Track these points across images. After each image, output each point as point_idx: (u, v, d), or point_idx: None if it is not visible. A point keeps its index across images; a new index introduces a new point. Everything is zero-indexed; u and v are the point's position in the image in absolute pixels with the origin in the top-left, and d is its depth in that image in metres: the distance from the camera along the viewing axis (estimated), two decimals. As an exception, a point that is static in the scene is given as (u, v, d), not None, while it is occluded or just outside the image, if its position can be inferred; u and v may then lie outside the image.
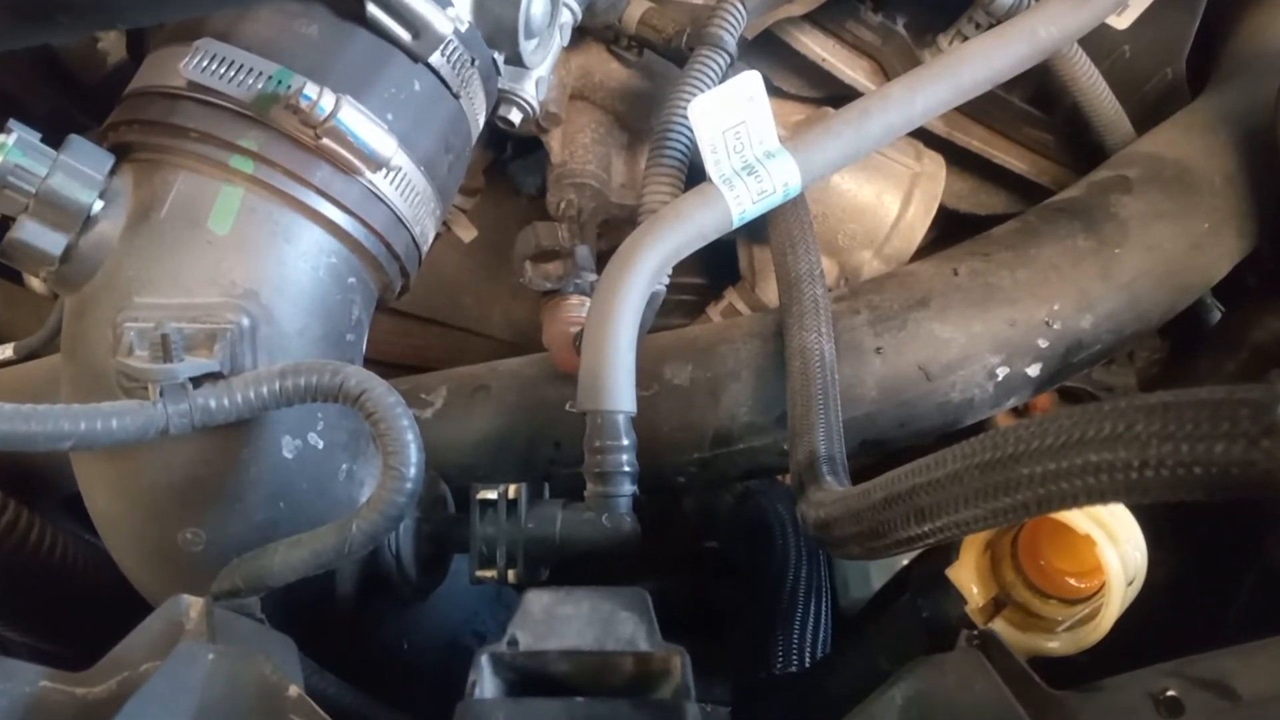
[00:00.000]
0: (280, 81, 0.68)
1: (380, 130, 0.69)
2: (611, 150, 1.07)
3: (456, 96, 0.77)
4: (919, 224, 1.05)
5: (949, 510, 0.50)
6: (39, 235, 0.65)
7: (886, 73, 1.11)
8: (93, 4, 0.56)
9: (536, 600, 0.56)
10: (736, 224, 0.82)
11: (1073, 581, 0.66)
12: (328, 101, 0.66)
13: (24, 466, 0.94)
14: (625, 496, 0.76)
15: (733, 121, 0.81)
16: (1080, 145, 1.16)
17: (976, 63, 0.87)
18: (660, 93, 1.07)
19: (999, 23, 1.01)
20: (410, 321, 1.29)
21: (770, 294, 1.09)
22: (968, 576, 0.66)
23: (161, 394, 0.62)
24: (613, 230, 1.09)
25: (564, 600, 0.55)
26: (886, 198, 1.05)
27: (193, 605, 0.61)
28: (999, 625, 0.64)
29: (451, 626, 0.90)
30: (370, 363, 1.25)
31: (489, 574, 0.77)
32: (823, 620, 0.90)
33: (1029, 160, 1.19)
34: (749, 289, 1.10)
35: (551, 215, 1.05)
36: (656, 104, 1.07)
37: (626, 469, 0.76)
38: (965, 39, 1.06)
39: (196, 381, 0.64)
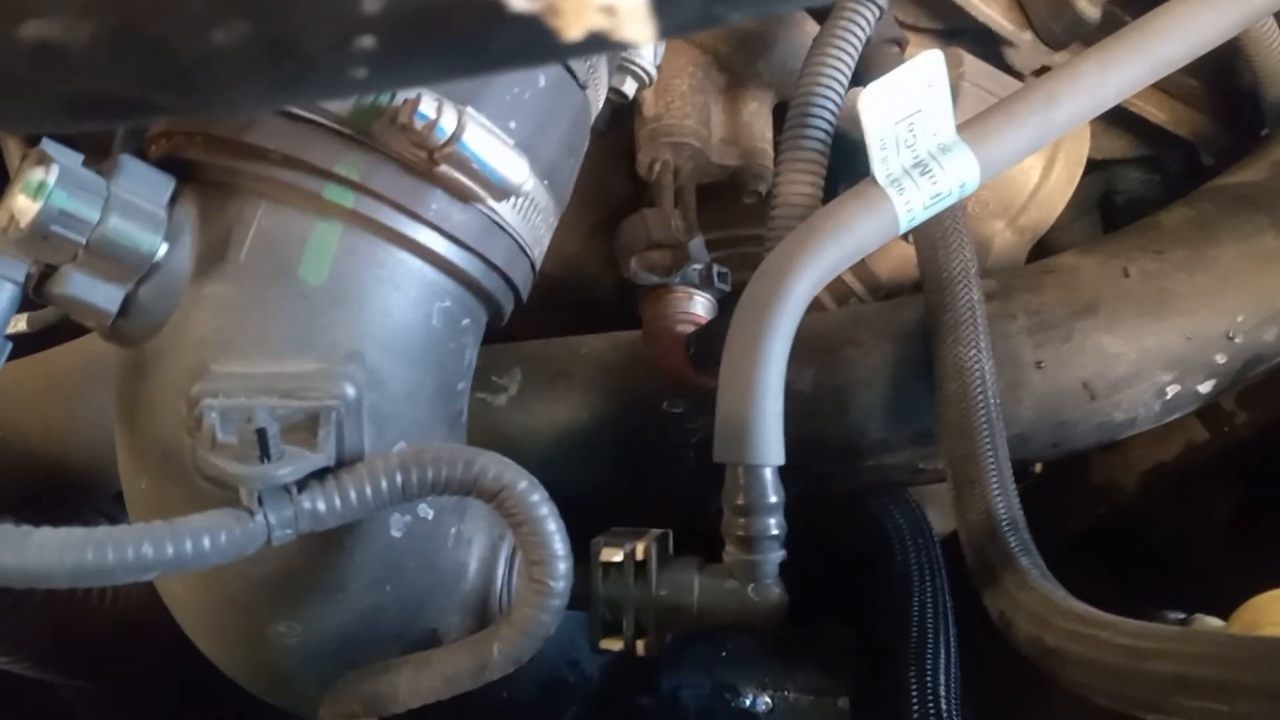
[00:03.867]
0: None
1: (511, 152, 0.55)
2: (710, 99, 0.92)
3: (584, 87, 0.63)
4: (1061, 193, 0.93)
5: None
6: (89, 289, 0.52)
7: (1024, 7, 0.96)
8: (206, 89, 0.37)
9: None
10: (904, 231, 0.69)
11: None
12: (449, 121, 0.53)
13: (63, 465, 0.83)
14: (772, 564, 0.66)
15: (907, 111, 0.67)
16: (1228, 94, 1.03)
17: (1178, 34, 0.73)
18: (770, 32, 0.92)
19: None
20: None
21: (884, 266, 0.97)
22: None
23: (261, 501, 0.51)
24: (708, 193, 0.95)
25: None
26: (1026, 163, 0.92)
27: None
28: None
29: (549, 662, 0.81)
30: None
31: (614, 644, 0.68)
32: (954, 659, 0.82)
33: (1168, 108, 1.05)
34: (860, 262, 0.97)
35: (641, 176, 0.91)
36: (766, 44, 0.92)
37: (774, 532, 0.65)
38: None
39: (301, 480, 0.52)
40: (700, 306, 0.83)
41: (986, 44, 0.97)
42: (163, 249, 0.53)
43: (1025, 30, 0.97)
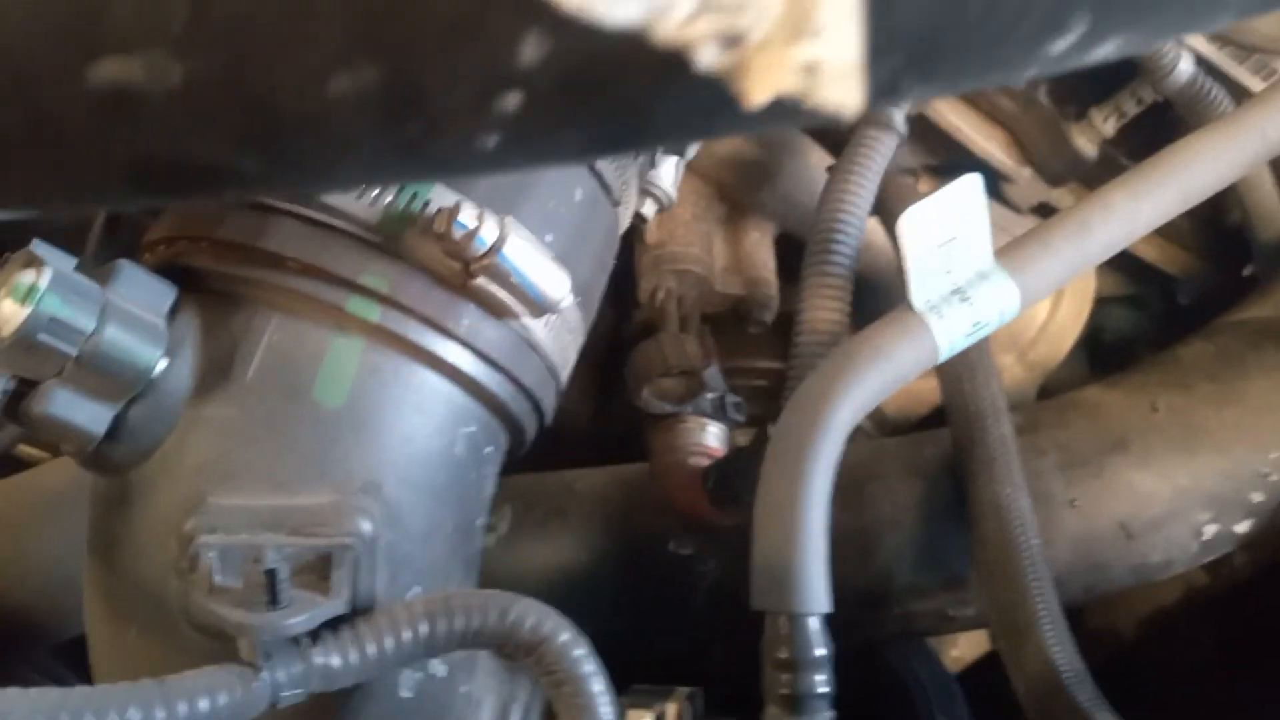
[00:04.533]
0: (415, 194, 0.49)
1: (553, 266, 0.51)
2: (712, 227, 0.90)
3: (616, 204, 0.59)
4: (1070, 328, 0.91)
5: None
6: (73, 408, 0.46)
7: (1023, 145, 0.96)
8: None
9: None
10: (942, 360, 0.66)
11: None
12: (490, 231, 0.48)
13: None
14: (822, 727, 0.59)
15: (945, 236, 0.65)
16: (1215, 232, 1.04)
17: (1206, 164, 0.72)
18: (774, 162, 0.90)
19: (1167, 101, 0.88)
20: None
21: (893, 403, 0.93)
22: None
23: (268, 655, 0.43)
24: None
25: None
26: (1033, 297, 0.90)
27: None
28: None
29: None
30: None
31: (642, 820, 0.60)
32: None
33: (1158, 246, 1.05)
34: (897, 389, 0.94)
35: (642, 303, 0.88)
36: (769, 174, 0.91)
37: (823, 690, 0.59)
38: (1124, 115, 0.92)
39: (313, 631, 0.45)
40: (713, 438, 0.78)
41: (985, 180, 0.97)
42: (161, 365, 0.47)
43: (1024, 166, 0.97)
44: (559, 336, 0.56)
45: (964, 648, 1.06)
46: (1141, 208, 0.70)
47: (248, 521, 0.46)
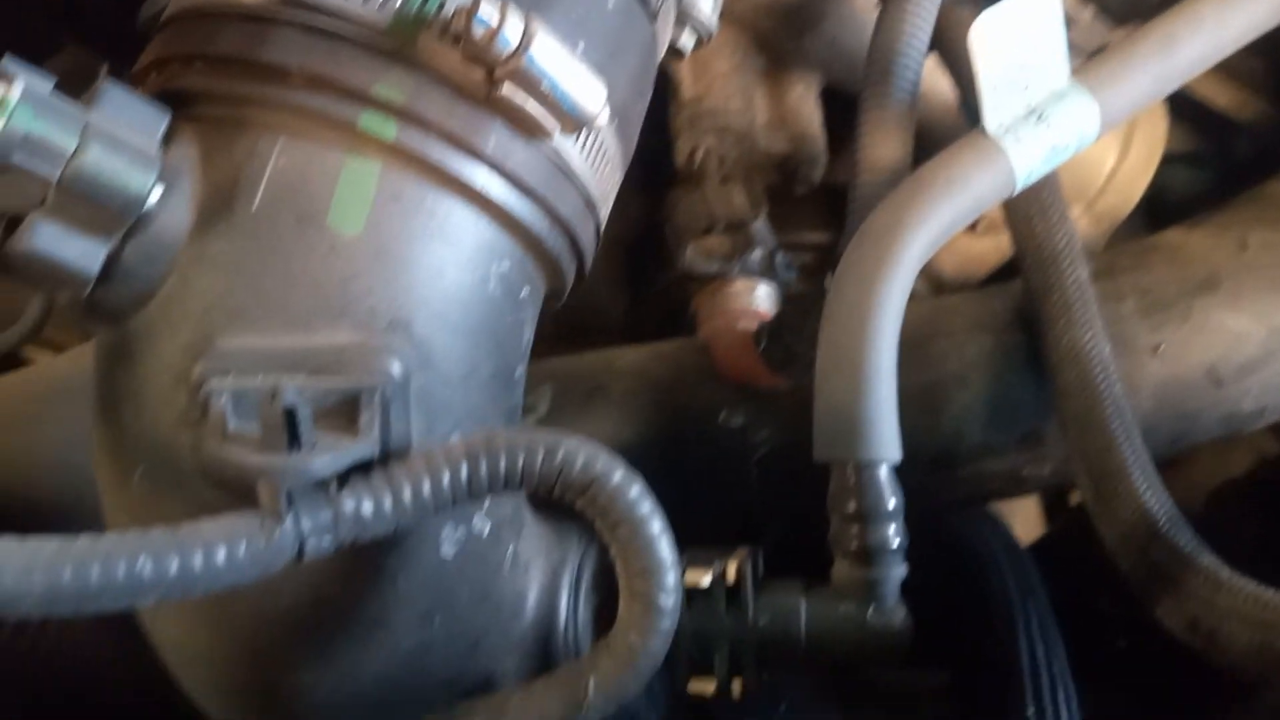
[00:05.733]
0: (430, -6, 0.44)
1: (587, 72, 0.45)
2: (752, 81, 0.83)
3: (653, 17, 0.53)
4: (1140, 175, 0.84)
5: None
6: (62, 243, 0.41)
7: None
8: None
9: None
10: (1020, 188, 0.60)
11: None
12: (514, 29, 0.42)
13: (15, 504, 0.70)
14: (894, 582, 0.55)
15: (1021, 51, 0.58)
16: (1290, 74, 0.95)
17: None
18: (817, 6, 0.83)
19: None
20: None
21: (950, 263, 0.87)
22: None
23: (291, 501, 0.39)
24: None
25: None
26: (1101, 143, 0.82)
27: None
28: None
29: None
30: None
31: (706, 686, 0.56)
32: (1072, 690, 0.70)
33: (1230, 94, 0.97)
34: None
35: (680, 166, 0.82)
36: (811, 19, 0.84)
37: (895, 543, 0.55)
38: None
39: (341, 476, 0.40)
40: (764, 300, 0.73)
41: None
42: (154, 195, 0.42)
43: (1084, 7, 0.89)
44: (596, 165, 0.50)
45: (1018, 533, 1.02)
46: (1232, 18, 0.63)
47: (262, 364, 0.42)
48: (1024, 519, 1.09)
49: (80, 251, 0.41)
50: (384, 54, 0.43)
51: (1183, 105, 0.99)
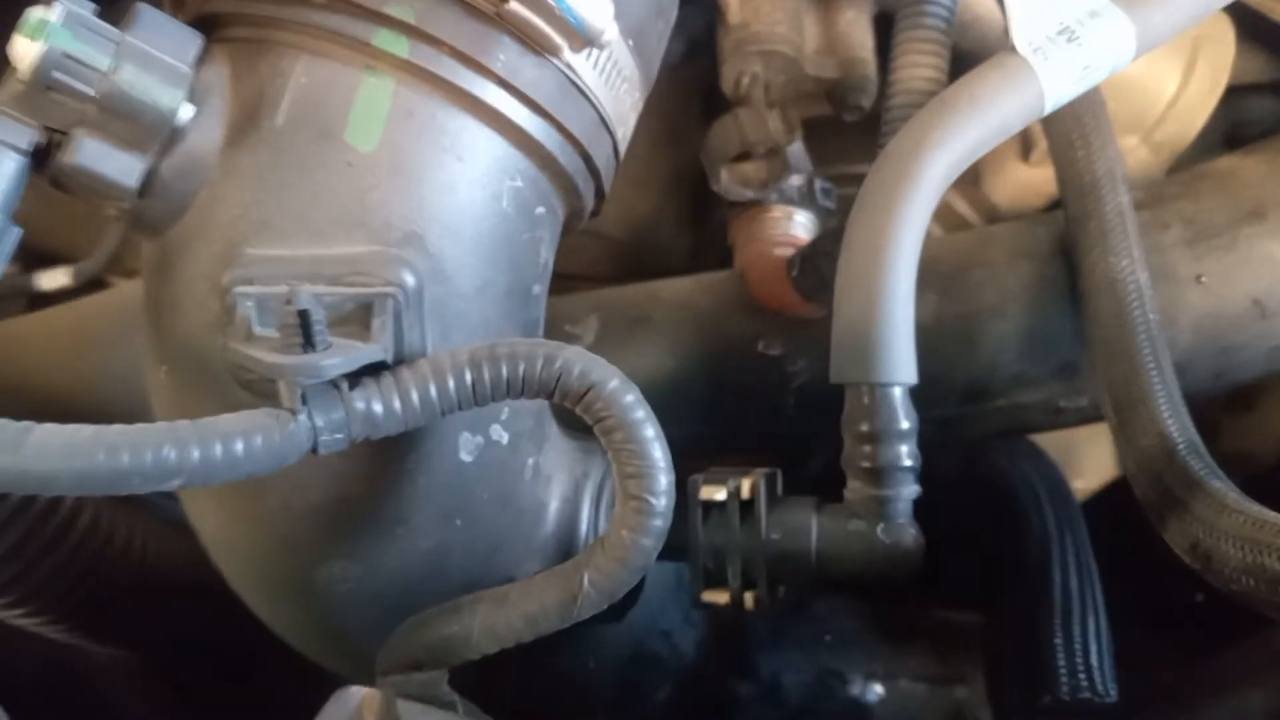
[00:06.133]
0: (441, -86, 0.45)
1: (593, -12, 0.46)
2: (801, 5, 0.83)
3: (673, -66, 0.54)
4: (1203, 103, 0.81)
5: None
6: (103, 158, 0.44)
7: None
8: None
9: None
10: (1049, 110, 0.59)
11: None
12: (520, -55, 0.44)
13: (94, 419, 0.75)
14: (906, 501, 0.56)
15: (1052, -35, 0.57)
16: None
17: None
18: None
19: None
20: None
21: (1002, 191, 0.86)
22: None
23: (305, 400, 0.42)
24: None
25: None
26: (1161, 68, 0.81)
27: (366, 702, 0.42)
28: None
29: (638, 631, 0.71)
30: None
31: (719, 597, 0.58)
32: (1104, 626, 0.70)
33: (1313, 14, 0.93)
34: (972, 184, 0.87)
35: (727, 93, 0.82)
36: (864, -57, 0.83)
37: (907, 462, 0.56)
38: None
39: (353, 377, 0.43)
40: (801, 227, 0.74)
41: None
42: (186, 112, 0.45)
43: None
44: (612, 84, 0.51)
45: (1089, 478, 1.01)
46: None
47: (285, 271, 0.45)
48: (1095, 465, 1.07)
49: (120, 166, 0.44)
50: (398, -25, 0.45)
51: (1260, 29, 0.95)
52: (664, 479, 0.44)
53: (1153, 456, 0.55)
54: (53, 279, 0.85)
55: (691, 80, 0.95)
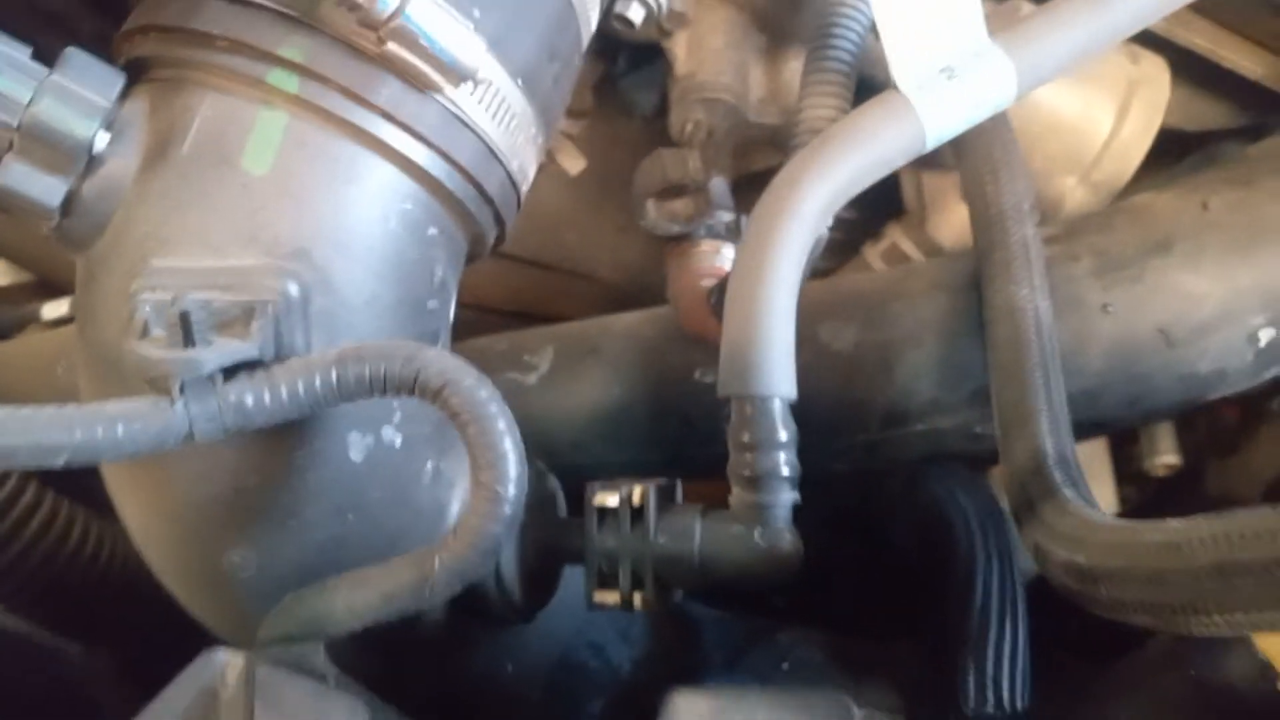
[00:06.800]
0: (331, -32, 0.51)
1: (464, 31, 0.51)
2: (748, 57, 0.87)
3: (565, -13, 0.59)
4: (1138, 143, 0.83)
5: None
6: (30, 180, 0.50)
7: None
8: None
9: (688, 709, 0.39)
10: (931, 146, 0.62)
11: None
12: (393, -8, 0.49)
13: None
14: (783, 507, 0.58)
15: (929, 10, 0.61)
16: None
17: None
18: (811, -17, 0.87)
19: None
20: (505, 261, 1.13)
21: (946, 231, 0.89)
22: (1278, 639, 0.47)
23: (183, 390, 0.47)
24: (748, 156, 0.90)
25: (729, 710, 0.38)
26: (1097, 110, 0.83)
27: (230, 665, 0.46)
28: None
29: (562, 640, 0.74)
30: (462, 307, 1.11)
31: (610, 597, 0.61)
32: (1021, 646, 0.71)
33: (1266, 62, 0.94)
34: (917, 224, 0.90)
35: (675, 139, 0.87)
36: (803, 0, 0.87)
37: (785, 471, 0.58)
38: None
39: (230, 372, 0.48)
40: (728, 261, 0.77)
41: None
42: (102, 140, 0.51)
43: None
44: (499, 118, 0.56)
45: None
46: (1170, -25, 0.64)
47: (184, 281, 0.50)
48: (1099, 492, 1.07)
49: (44, 188, 0.50)
50: (290, 20, 0.51)
51: (1225, 79, 0.97)
52: (513, 470, 0.48)
53: (1024, 469, 0.57)
54: (55, 309, 0.93)
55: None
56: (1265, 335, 0.68)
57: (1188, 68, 0.95)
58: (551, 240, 1.12)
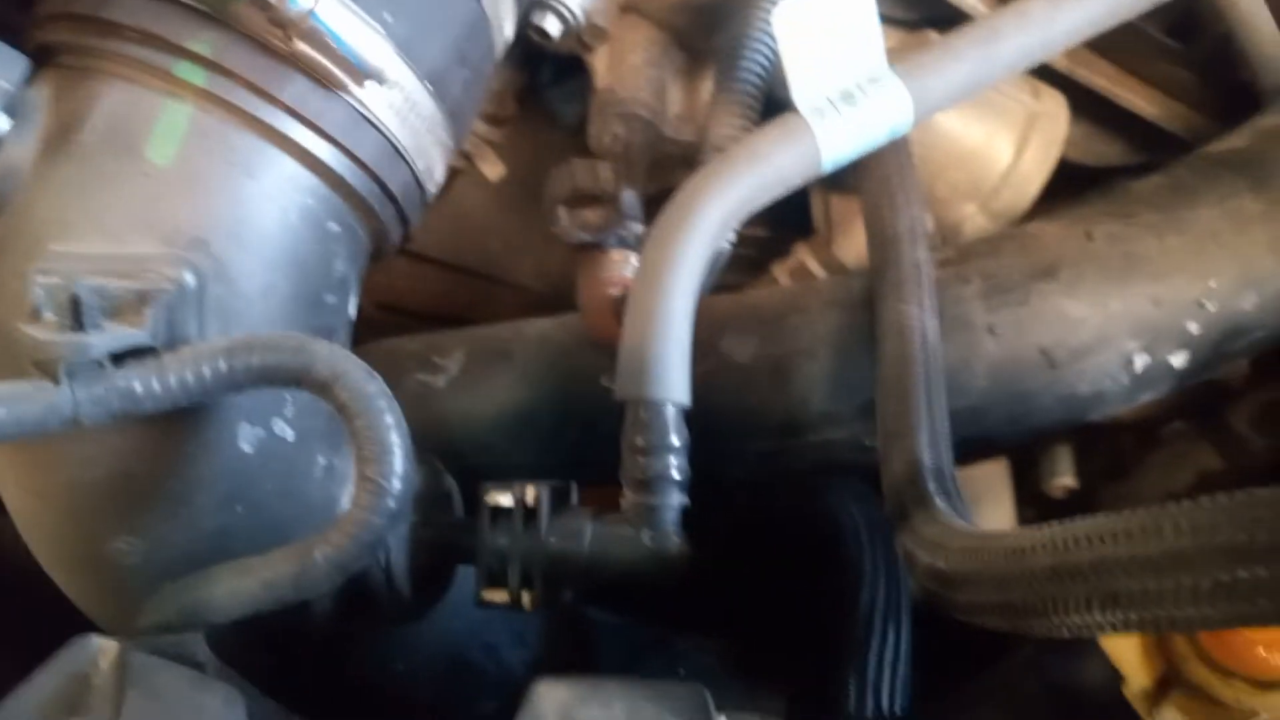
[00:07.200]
0: (243, -35, 0.52)
1: (372, 33, 0.53)
2: (667, 75, 0.89)
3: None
4: (1036, 174, 0.87)
5: (1165, 603, 0.33)
6: (-74, 160, 0.50)
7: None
8: None
9: (549, 696, 0.40)
10: (828, 168, 0.65)
11: (1266, 654, 0.50)
12: (303, -6, 0.50)
13: None
14: (672, 510, 0.60)
15: (829, 35, 0.63)
16: (1223, 86, 0.97)
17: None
18: (730, 6, 0.89)
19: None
20: (430, 266, 1.14)
21: (851, 252, 0.92)
22: (1128, 647, 0.50)
23: (70, 374, 0.47)
24: (665, 171, 0.91)
25: (588, 698, 0.40)
26: (998, 140, 0.87)
27: (103, 651, 0.47)
28: (1169, 716, 0.48)
29: (455, 640, 0.75)
30: (384, 309, 1.11)
31: (498, 595, 0.62)
32: (903, 654, 0.74)
33: (1159, 103, 0.99)
34: (824, 245, 0.93)
35: (593, 151, 0.88)
36: (725, 20, 0.90)
37: (675, 475, 0.60)
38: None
39: (119, 358, 0.48)
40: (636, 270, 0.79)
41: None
42: (4, 124, 0.51)
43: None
44: (405, 120, 0.57)
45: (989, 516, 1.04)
46: (1059, 16, 0.68)
47: (81, 267, 0.50)
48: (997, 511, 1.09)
49: (-59, 169, 0.50)
50: (201, 15, 0.52)
51: (1122, 119, 1.01)
52: (398, 464, 0.49)
53: (901, 479, 0.59)
54: None
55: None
56: (1140, 360, 0.72)
57: (1089, 106, 0.99)
58: (476, 246, 1.13)
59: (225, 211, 0.53)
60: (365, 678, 0.69)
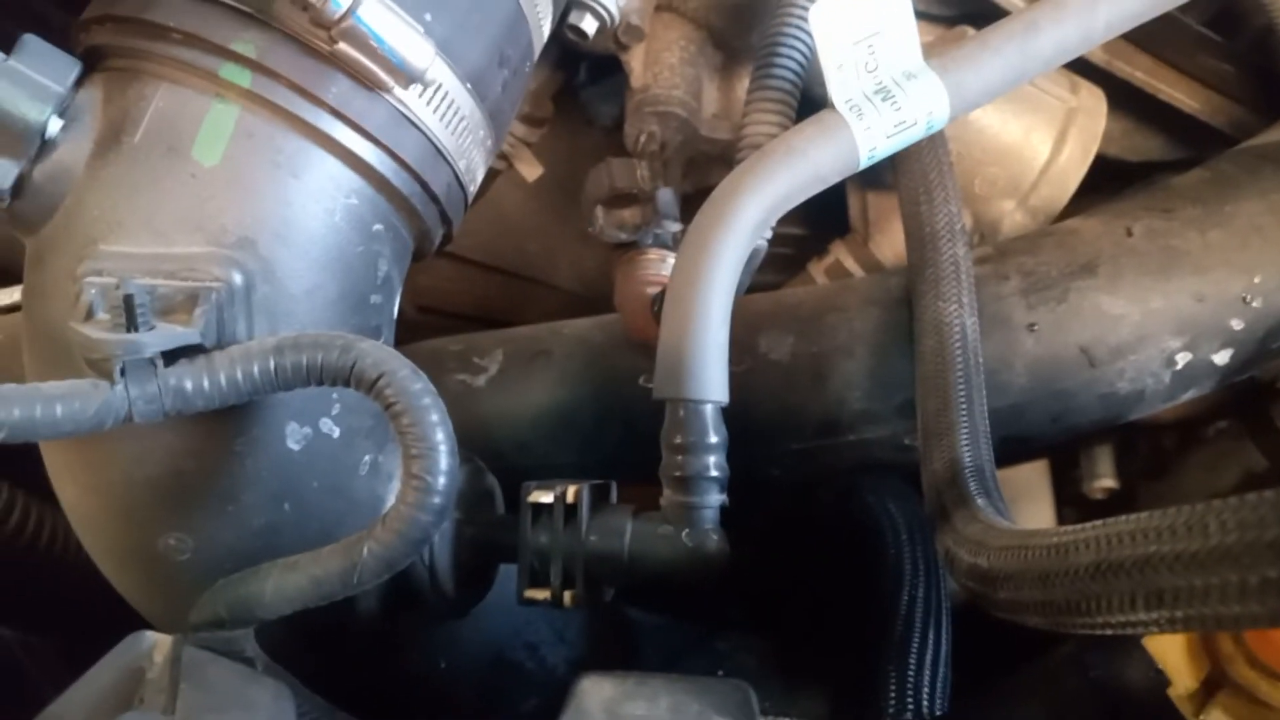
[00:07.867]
0: (287, -33, 0.52)
1: (414, 33, 0.53)
2: (703, 73, 0.90)
3: (518, -2, 0.61)
4: (1074, 170, 0.86)
5: (1211, 601, 0.33)
6: (-21, 162, 0.51)
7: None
8: None
9: (595, 692, 0.41)
10: (865, 164, 0.65)
11: (1313, 656, 0.49)
12: (345, -6, 0.51)
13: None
14: (711, 508, 0.60)
15: (866, 32, 0.63)
16: (1268, 79, 0.96)
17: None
18: (766, 4, 0.89)
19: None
20: (469, 267, 1.15)
21: (888, 249, 0.91)
22: (1172, 647, 0.49)
23: (123, 372, 0.48)
24: (702, 170, 0.92)
25: (633, 694, 0.40)
26: (1036, 137, 0.86)
27: (157, 646, 0.48)
28: (1215, 718, 0.48)
29: (498, 638, 0.76)
30: (424, 311, 1.11)
31: (541, 594, 0.62)
32: (943, 655, 0.74)
33: (1201, 96, 0.98)
34: (861, 243, 0.92)
35: (630, 150, 0.89)
36: (761, 18, 0.90)
37: (714, 474, 0.60)
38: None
39: (170, 356, 0.49)
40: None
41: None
42: (56, 126, 0.52)
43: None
44: (446, 120, 0.58)
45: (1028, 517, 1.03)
46: (1100, 8, 0.67)
47: (131, 266, 0.51)
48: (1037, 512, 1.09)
49: (-3, 170, 0.51)
50: (244, 16, 0.52)
51: (1162, 113, 1.00)
52: (444, 461, 0.49)
53: (942, 478, 0.59)
54: (8, 296, 0.93)
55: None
56: (1182, 358, 0.71)
57: (1128, 100, 0.98)
58: (514, 247, 1.14)
59: (271, 212, 0.53)
60: (409, 675, 0.70)
